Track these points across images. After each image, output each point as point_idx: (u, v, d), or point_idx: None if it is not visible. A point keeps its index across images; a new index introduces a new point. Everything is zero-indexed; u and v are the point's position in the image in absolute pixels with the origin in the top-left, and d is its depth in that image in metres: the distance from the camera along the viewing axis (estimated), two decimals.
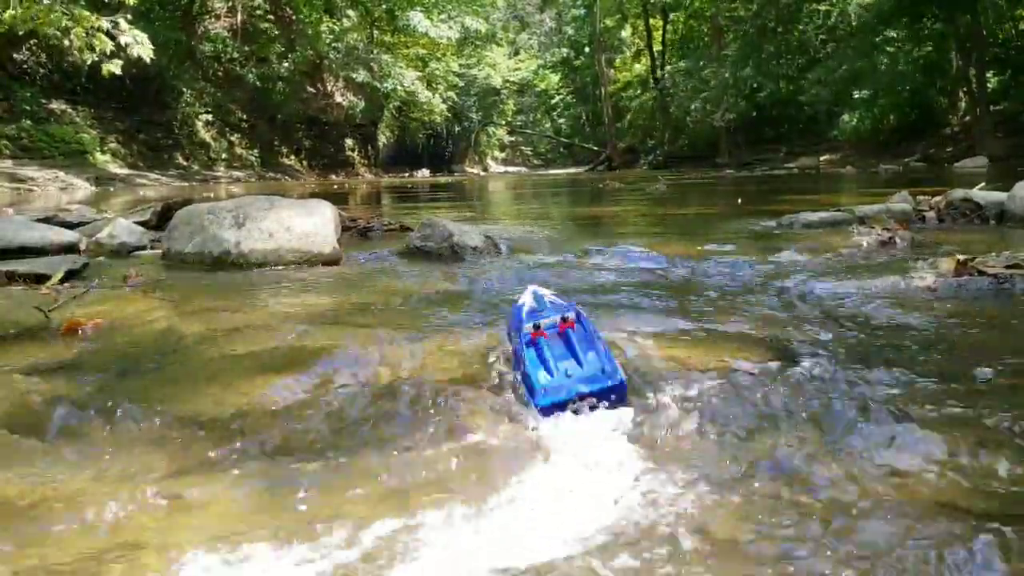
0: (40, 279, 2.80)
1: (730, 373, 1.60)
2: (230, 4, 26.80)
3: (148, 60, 12.96)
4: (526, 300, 1.69)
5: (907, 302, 2.30)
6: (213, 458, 1.27)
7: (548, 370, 1.46)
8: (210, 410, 1.47)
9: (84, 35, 12.34)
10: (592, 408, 1.38)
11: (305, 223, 3.36)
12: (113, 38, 12.48)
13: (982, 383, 1.54)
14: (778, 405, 1.43)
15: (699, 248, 3.70)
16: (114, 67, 12.61)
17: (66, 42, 12.93)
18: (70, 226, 4.26)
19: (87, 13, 12.41)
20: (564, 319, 1.57)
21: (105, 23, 12.43)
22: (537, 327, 1.55)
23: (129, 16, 13.07)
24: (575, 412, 1.37)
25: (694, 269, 3.08)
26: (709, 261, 3.26)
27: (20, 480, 1.18)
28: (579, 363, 1.48)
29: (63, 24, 12.20)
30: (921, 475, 1.14)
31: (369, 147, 33.78)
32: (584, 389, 1.39)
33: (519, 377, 1.50)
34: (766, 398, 1.46)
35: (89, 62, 13.20)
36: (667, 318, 2.18)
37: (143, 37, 12.71)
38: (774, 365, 1.67)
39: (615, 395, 1.41)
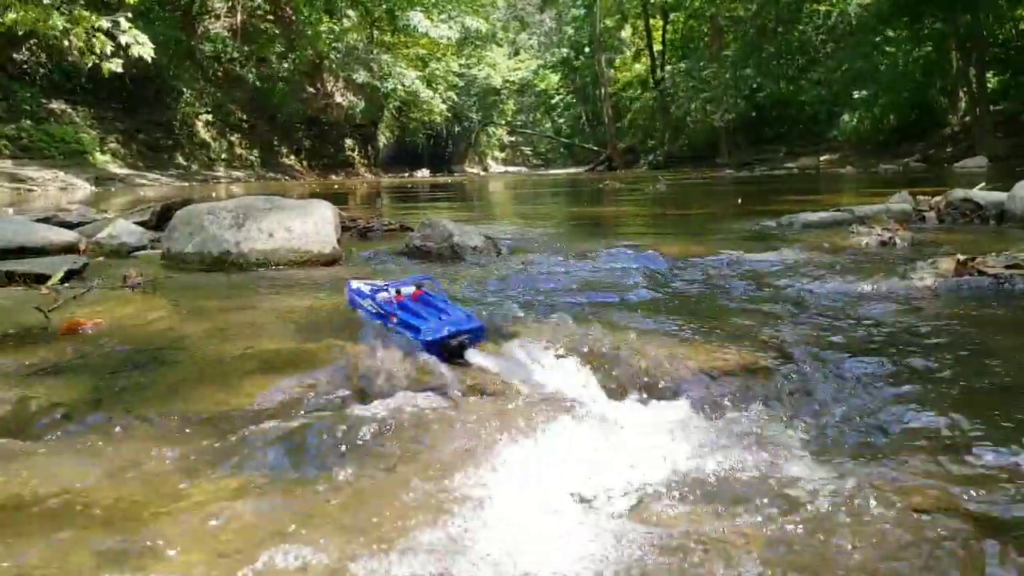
0: (40, 279, 2.80)
1: (729, 373, 1.60)
2: (230, 4, 26.81)
3: (149, 59, 12.96)
4: (359, 285, 2.09)
5: (907, 302, 2.30)
6: (213, 458, 1.27)
7: (422, 319, 1.79)
8: (210, 410, 1.47)
9: (84, 36, 12.35)
10: (462, 345, 1.70)
11: (305, 223, 3.36)
12: (113, 38, 12.49)
13: (982, 383, 1.54)
14: (777, 405, 1.43)
15: (699, 248, 3.70)
16: (115, 66, 12.61)
17: (65, 43, 12.93)
18: (70, 226, 4.26)
19: (86, 13, 12.41)
20: (418, 286, 1.97)
21: (105, 23, 12.43)
22: (399, 292, 1.89)
23: (129, 15, 13.06)
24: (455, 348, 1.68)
25: (694, 269, 3.08)
26: (709, 261, 3.26)
27: (19, 479, 1.18)
28: (443, 315, 1.83)
29: (62, 27, 12.21)
30: (920, 474, 1.14)
31: (369, 147, 33.80)
32: (454, 330, 1.72)
33: (398, 328, 1.82)
34: (765, 398, 1.46)
35: (90, 65, 13.19)
36: (666, 318, 2.18)
37: (144, 38, 12.72)
38: (773, 365, 1.67)
39: (479, 336, 1.76)
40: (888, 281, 2.57)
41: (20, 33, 13.04)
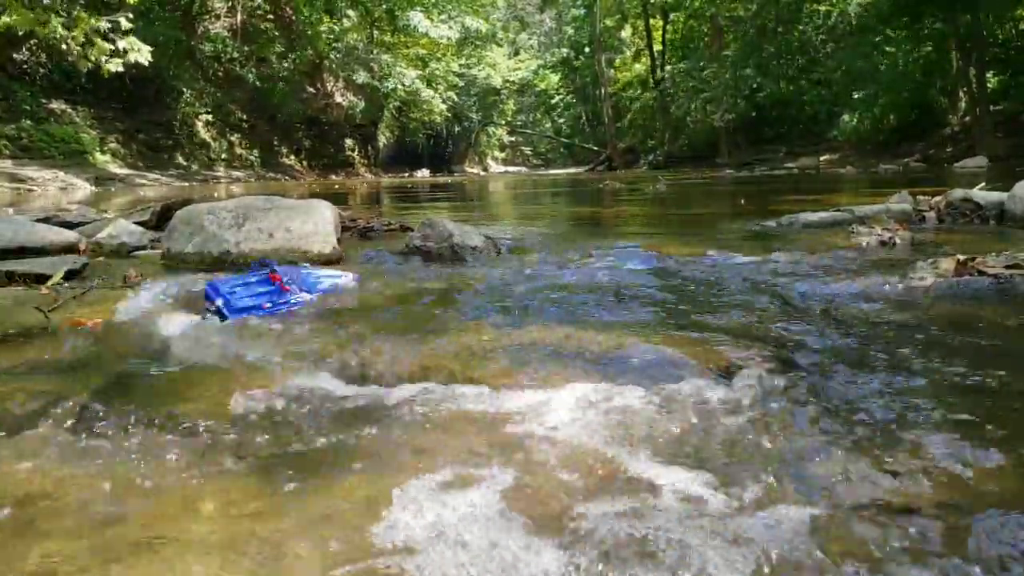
0: (40, 279, 2.80)
1: (728, 372, 1.60)
2: (230, 4, 26.81)
3: (146, 63, 12.96)
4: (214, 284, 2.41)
5: (907, 302, 2.30)
6: (213, 457, 1.27)
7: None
8: (210, 410, 1.47)
9: (82, 38, 12.35)
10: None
11: (305, 223, 3.36)
12: (112, 43, 12.49)
13: (981, 383, 1.54)
14: (776, 404, 1.43)
15: (698, 248, 3.70)
16: (114, 66, 12.61)
17: (63, 47, 12.94)
18: (70, 226, 4.26)
19: (85, 16, 12.41)
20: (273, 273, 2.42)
21: (104, 24, 12.43)
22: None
23: (130, 15, 13.05)
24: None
25: (693, 269, 3.08)
26: (709, 261, 3.26)
27: (18, 478, 1.18)
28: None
29: (60, 33, 12.22)
30: (919, 474, 1.14)
31: (369, 147, 33.80)
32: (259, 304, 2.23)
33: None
34: (764, 397, 1.46)
35: (86, 69, 13.19)
36: (666, 318, 2.18)
37: (141, 45, 12.73)
38: (773, 365, 1.67)
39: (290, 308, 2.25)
40: (888, 281, 2.58)
41: (20, 34, 13.04)
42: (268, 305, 2.24)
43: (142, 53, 12.64)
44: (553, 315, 2.23)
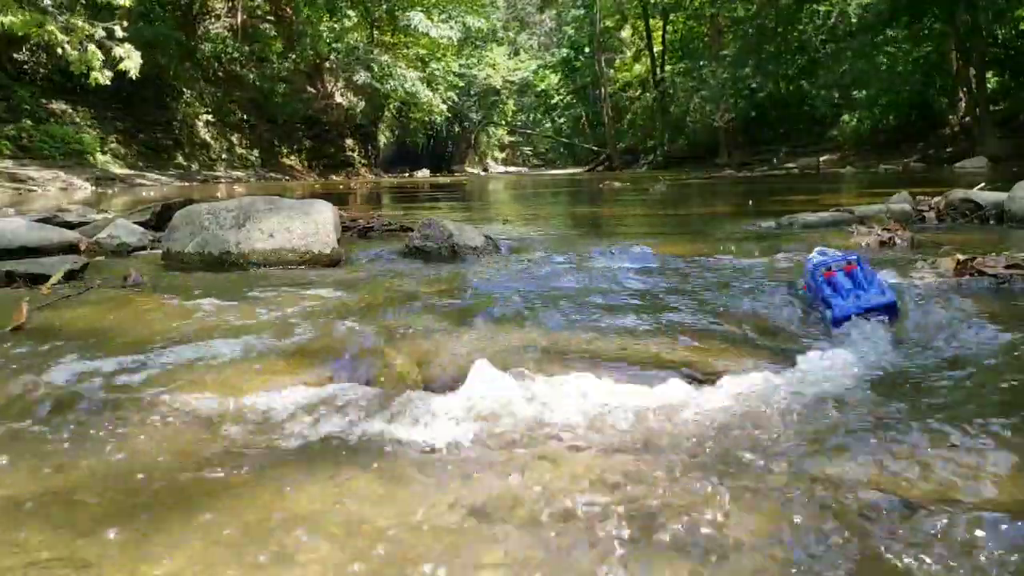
0: (40, 279, 2.80)
1: (727, 372, 1.60)
2: (230, 4, 26.82)
3: (134, 76, 13.01)
4: (814, 256, 2.30)
5: (906, 302, 2.30)
6: (212, 458, 1.27)
7: (841, 295, 2.04)
8: (210, 410, 1.47)
9: (78, 44, 12.39)
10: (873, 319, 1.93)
11: (305, 223, 3.36)
12: (105, 49, 12.52)
13: (981, 383, 1.54)
14: (775, 404, 1.43)
15: (698, 248, 3.70)
16: (103, 77, 12.65)
17: (59, 51, 12.97)
18: (70, 226, 4.26)
19: (81, 23, 12.44)
20: (848, 262, 2.14)
21: (100, 31, 12.46)
22: (828, 268, 2.13)
23: (125, 23, 13.09)
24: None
25: (693, 269, 3.08)
26: (708, 261, 3.26)
27: (17, 477, 1.19)
28: (863, 291, 2.04)
29: (57, 38, 12.24)
30: (918, 474, 1.14)
31: (369, 147, 33.82)
32: (864, 305, 1.97)
33: (819, 303, 2.11)
34: (763, 397, 1.46)
35: (79, 72, 13.22)
36: (665, 318, 2.18)
37: (134, 52, 12.76)
38: (772, 365, 1.67)
39: (888, 311, 1.98)
40: (888, 281, 2.57)
41: (20, 34, 13.06)
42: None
43: (133, 61, 12.69)
44: (553, 315, 2.23)
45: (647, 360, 1.75)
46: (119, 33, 12.67)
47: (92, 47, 12.47)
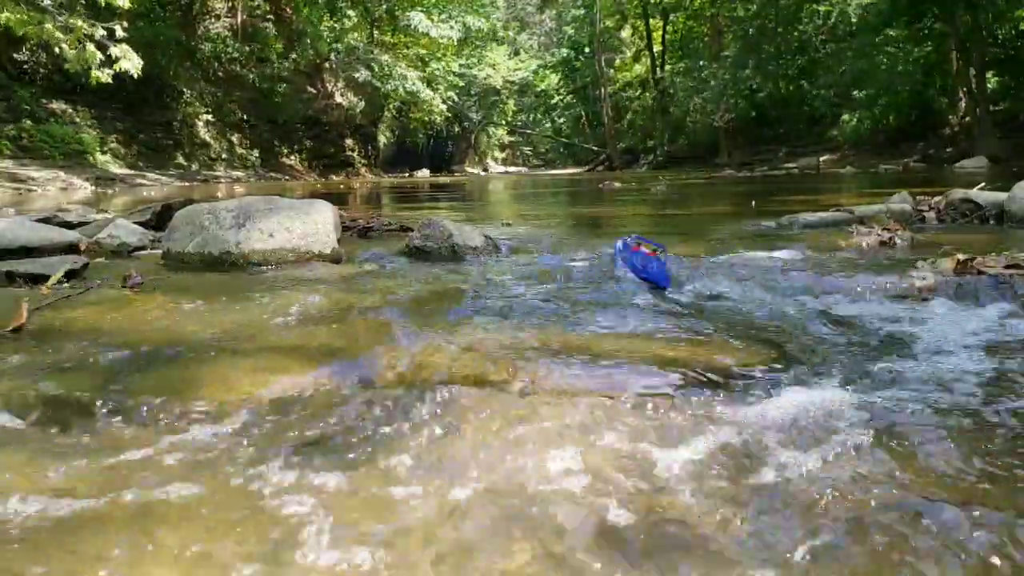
0: (40, 279, 2.80)
1: (726, 373, 1.60)
2: (230, 4, 26.82)
3: (135, 75, 12.98)
4: (623, 241, 3.17)
5: (906, 302, 2.30)
6: (212, 459, 1.27)
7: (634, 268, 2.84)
8: (210, 410, 1.47)
9: (76, 44, 12.36)
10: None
11: (305, 223, 3.36)
12: (104, 49, 12.50)
13: (981, 383, 1.55)
14: (774, 405, 1.43)
15: (698, 248, 3.70)
16: (104, 76, 12.62)
17: (56, 50, 12.94)
18: (70, 226, 4.26)
19: (80, 23, 12.42)
20: (652, 250, 2.82)
21: (100, 31, 12.43)
22: (638, 244, 2.91)
23: (125, 24, 13.07)
24: None
25: (693, 269, 3.08)
26: (708, 262, 3.26)
27: (16, 477, 1.19)
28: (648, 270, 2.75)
29: (56, 36, 12.22)
30: (918, 473, 1.14)
31: (369, 147, 33.80)
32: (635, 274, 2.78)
33: (626, 266, 2.92)
34: (762, 398, 1.46)
35: (74, 71, 13.19)
36: (664, 318, 2.18)
37: (133, 54, 12.74)
38: (771, 365, 1.67)
39: (662, 288, 2.61)
40: (888, 281, 2.58)
41: (20, 34, 13.05)
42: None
43: (132, 62, 12.65)
44: (553, 315, 2.23)
45: (648, 360, 1.75)
46: (120, 33, 12.65)
47: (91, 46, 12.45)
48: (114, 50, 12.50)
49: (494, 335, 1.97)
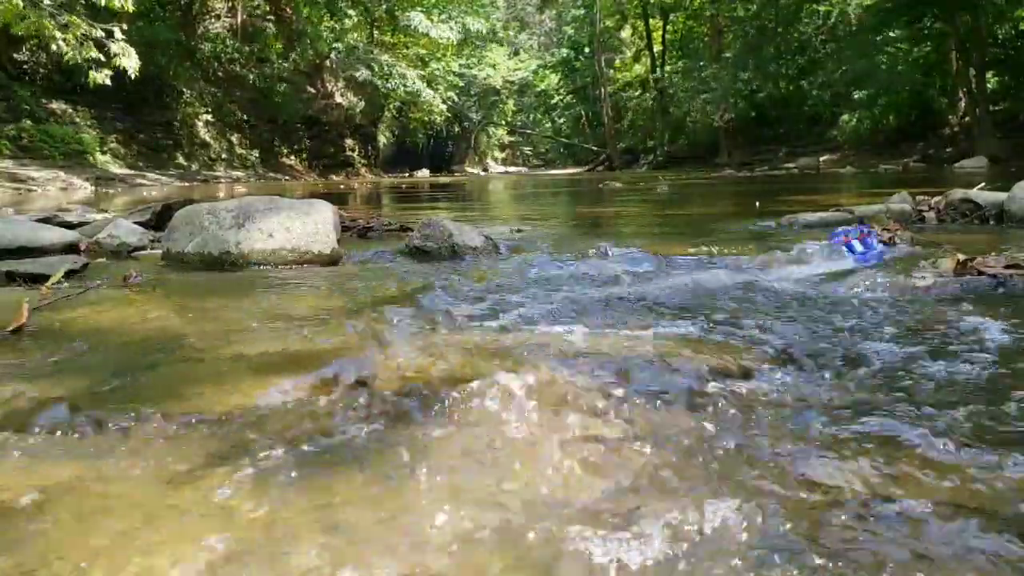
0: (40, 279, 2.80)
1: (725, 373, 1.60)
2: (230, 4, 26.83)
3: (133, 75, 12.99)
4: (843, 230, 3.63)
5: (906, 302, 2.30)
6: (212, 459, 1.27)
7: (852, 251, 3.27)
8: (210, 410, 1.47)
9: (75, 41, 12.36)
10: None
11: (305, 223, 3.36)
12: (102, 47, 12.50)
13: (981, 383, 1.55)
14: (774, 405, 1.43)
15: (698, 249, 3.70)
16: (102, 77, 12.63)
17: (53, 47, 12.94)
18: (70, 226, 4.27)
19: (78, 20, 12.41)
20: (861, 232, 3.45)
21: (98, 31, 12.44)
22: (847, 234, 3.45)
23: (124, 27, 13.08)
24: None
25: (692, 269, 3.08)
26: (708, 262, 3.26)
27: (15, 478, 1.18)
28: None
29: (53, 33, 12.22)
30: (917, 473, 1.14)
31: (369, 147, 33.82)
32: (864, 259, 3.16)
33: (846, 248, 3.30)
34: (762, 397, 1.46)
35: (74, 63, 13.19)
36: (664, 318, 2.18)
37: (131, 51, 12.74)
38: (771, 365, 1.67)
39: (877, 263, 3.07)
40: (887, 281, 2.58)
41: (20, 33, 13.05)
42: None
43: (131, 60, 12.65)
44: (552, 315, 2.23)
45: (644, 362, 1.75)
46: (118, 35, 12.66)
47: (90, 44, 12.45)
48: (113, 47, 12.50)
49: (494, 335, 1.97)
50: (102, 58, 12.67)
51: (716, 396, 1.49)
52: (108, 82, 12.96)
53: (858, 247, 3.27)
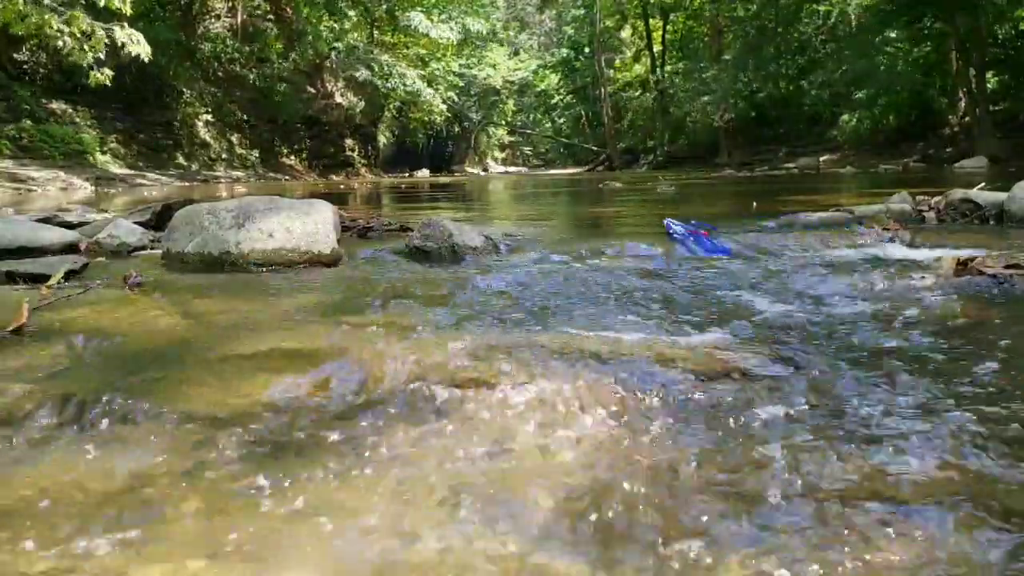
0: (40, 279, 2.80)
1: (725, 373, 1.60)
2: (230, 4, 26.83)
3: (146, 59, 12.95)
4: (671, 224, 3.97)
5: (906, 302, 2.30)
6: (212, 459, 1.27)
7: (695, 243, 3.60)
8: (210, 410, 1.47)
9: (78, 37, 12.35)
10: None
11: (305, 223, 3.36)
12: (110, 37, 12.49)
13: (980, 383, 1.55)
14: (773, 405, 1.43)
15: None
16: (103, 77, 12.62)
17: (59, 43, 12.92)
18: (70, 226, 4.26)
19: (79, 15, 12.41)
20: (704, 230, 3.76)
21: (100, 29, 12.44)
22: (694, 228, 3.79)
23: (125, 25, 13.08)
24: None
25: (692, 269, 3.08)
26: (708, 262, 3.26)
27: (15, 480, 1.19)
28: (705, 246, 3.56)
29: (56, 28, 12.21)
30: (916, 474, 1.14)
31: (369, 147, 33.81)
32: (702, 252, 3.46)
33: (684, 244, 3.60)
34: (761, 398, 1.46)
35: (86, 62, 13.18)
36: (663, 318, 2.18)
37: (139, 37, 12.72)
38: (771, 366, 1.67)
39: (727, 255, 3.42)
40: (887, 281, 2.58)
41: (20, 33, 13.04)
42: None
43: (142, 47, 12.62)
44: (551, 316, 2.23)
45: (643, 361, 1.75)
46: (119, 32, 12.66)
47: (99, 32, 12.41)
48: (120, 35, 12.47)
49: (495, 335, 1.97)
50: (102, 57, 12.66)
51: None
52: (108, 83, 12.95)
53: (693, 244, 3.59)
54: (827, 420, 1.36)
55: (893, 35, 22.12)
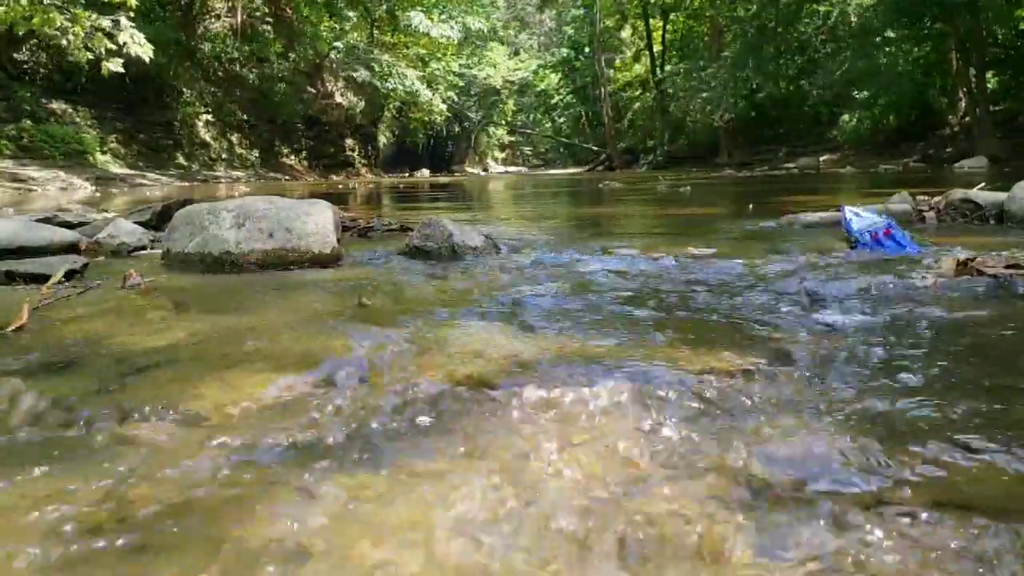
0: (40, 279, 2.80)
1: (725, 374, 1.60)
2: (230, 4, 26.84)
3: (147, 60, 12.96)
4: (850, 215, 3.83)
5: (906, 302, 2.30)
6: (212, 459, 1.27)
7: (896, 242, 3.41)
8: (210, 411, 1.47)
9: (82, 34, 12.36)
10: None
11: (305, 223, 3.36)
12: (112, 37, 12.50)
13: (980, 383, 1.55)
14: (773, 406, 1.43)
15: (698, 249, 3.70)
16: (114, 65, 12.60)
17: (64, 42, 12.92)
18: (70, 226, 4.26)
19: (84, 12, 12.42)
20: (887, 227, 3.50)
21: (105, 22, 12.44)
22: (880, 229, 3.52)
23: (131, 14, 13.07)
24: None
25: (692, 269, 3.08)
26: (708, 262, 3.26)
27: (16, 481, 1.19)
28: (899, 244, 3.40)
29: (59, 24, 12.21)
30: (916, 475, 1.14)
31: (369, 147, 33.84)
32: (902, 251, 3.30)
33: (884, 245, 3.42)
34: (760, 398, 1.46)
35: (86, 60, 13.17)
36: (663, 318, 2.18)
37: (141, 37, 12.73)
38: (770, 366, 1.67)
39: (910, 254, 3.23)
40: (887, 281, 2.58)
41: (20, 33, 13.04)
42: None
43: (144, 48, 12.64)
44: (550, 315, 2.23)
45: (642, 362, 1.75)
46: (124, 23, 12.65)
47: (100, 35, 12.43)
48: (123, 36, 12.50)
49: (495, 335, 1.97)
50: (112, 46, 12.64)
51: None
52: (121, 69, 12.90)
53: (887, 242, 3.41)
54: (829, 420, 1.36)
55: (893, 35, 22.13)
